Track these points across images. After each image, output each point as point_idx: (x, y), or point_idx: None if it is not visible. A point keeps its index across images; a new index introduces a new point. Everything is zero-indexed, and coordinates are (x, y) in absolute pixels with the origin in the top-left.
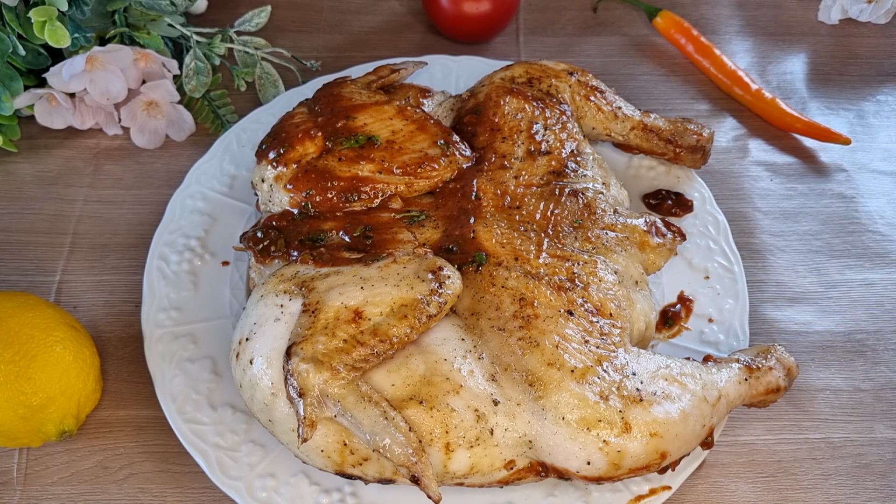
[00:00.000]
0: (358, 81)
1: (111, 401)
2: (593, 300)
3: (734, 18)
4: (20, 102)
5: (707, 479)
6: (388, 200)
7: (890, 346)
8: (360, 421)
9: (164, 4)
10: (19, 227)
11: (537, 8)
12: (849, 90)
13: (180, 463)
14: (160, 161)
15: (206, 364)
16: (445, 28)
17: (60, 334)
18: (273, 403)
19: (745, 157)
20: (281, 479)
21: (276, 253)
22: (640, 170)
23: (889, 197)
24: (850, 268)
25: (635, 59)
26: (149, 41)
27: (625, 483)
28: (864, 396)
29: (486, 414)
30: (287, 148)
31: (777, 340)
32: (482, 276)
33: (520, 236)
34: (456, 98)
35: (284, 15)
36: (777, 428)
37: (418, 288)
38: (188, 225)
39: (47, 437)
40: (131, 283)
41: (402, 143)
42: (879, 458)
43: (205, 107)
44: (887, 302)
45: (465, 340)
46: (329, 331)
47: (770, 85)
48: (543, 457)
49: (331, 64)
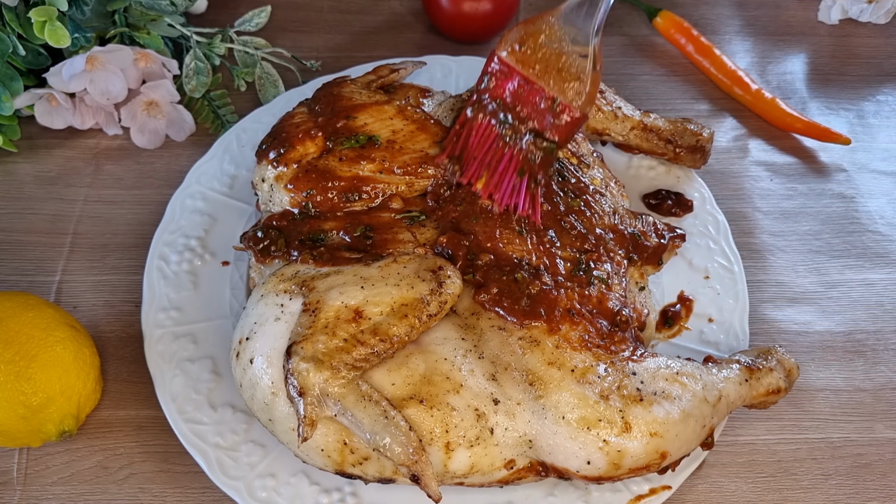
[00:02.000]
0: (358, 81)
1: (111, 401)
2: (593, 300)
3: (734, 18)
4: (20, 102)
5: (707, 478)
6: (389, 200)
7: (890, 346)
8: (361, 420)
9: (164, 4)
10: (19, 226)
11: (537, 8)
12: (849, 90)
13: (180, 463)
14: (160, 161)
15: (206, 364)
16: (445, 28)
17: (60, 334)
18: (273, 403)
19: (745, 157)
20: (281, 479)
21: (276, 253)
22: (639, 170)
23: (889, 197)
24: (850, 268)
25: (635, 58)
26: (149, 41)
27: (625, 483)
28: (864, 396)
29: (486, 413)
30: (287, 148)
31: (777, 340)
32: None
33: (518, 237)
34: (456, 98)
35: (284, 15)
36: (777, 428)
37: (418, 287)
38: (188, 225)
39: (47, 437)
40: (131, 283)
41: (402, 142)
42: (879, 457)
43: (205, 107)
44: (887, 302)
45: (465, 340)
46: (329, 330)
47: (770, 85)
48: (543, 456)
49: (331, 64)
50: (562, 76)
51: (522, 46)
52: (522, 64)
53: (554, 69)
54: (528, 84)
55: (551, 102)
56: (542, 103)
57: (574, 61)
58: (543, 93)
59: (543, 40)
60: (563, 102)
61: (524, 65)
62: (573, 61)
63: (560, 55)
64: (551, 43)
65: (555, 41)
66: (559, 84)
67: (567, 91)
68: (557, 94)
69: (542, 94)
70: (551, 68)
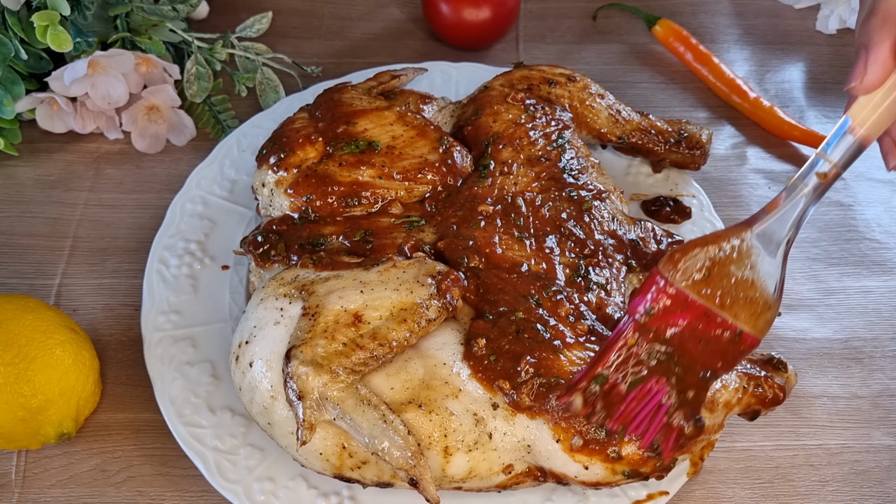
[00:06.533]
0: (358, 87)
1: (110, 404)
2: (592, 305)
3: (733, 27)
4: (21, 106)
5: (704, 484)
6: (389, 205)
7: (887, 353)
8: (359, 424)
9: (165, 10)
10: (20, 230)
11: (537, 15)
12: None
13: (179, 466)
14: (161, 165)
15: (205, 367)
16: (446, 35)
17: (60, 337)
18: (272, 406)
19: (743, 165)
20: (279, 483)
21: (276, 257)
22: (638, 176)
23: (886, 205)
24: (847, 275)
25: (634, 66)
26: (150, 46)
27: (622, 488)
28: (862, 403)
29: (484, 418)
30: (288, 153)
31: (774, 347)
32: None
33: (518, 242)
34: (456, 104)
35: (285, 21)
36: (774, 434)
37: (418, 292)
38: (188, 229)
39: (46, 440)
40: (131, 287)
41: (402, 148)
42: (877, 464)
43: (206, 112)
44: (884, 309)
45: (464, 344)
46: (329, 334)
47: (768, 93)
48: (542, 461)
49: (331, 70)
50: (748, 303)
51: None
52: (701, 295)
53: (742, 299)
54: (709, 317)
55: (733, 334)
56: (725, 335)
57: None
58: (727, 324)
59: (734, 269)
60: (746, 333)
61: (705, 297)
62: (760, 285)
63: (751, 284)
64: (741, 270)
65: (744, 267)
66: (743, 312)
67: (750, 319)
68: (743, 325)
69: (725, 327)
70: (739, 298)
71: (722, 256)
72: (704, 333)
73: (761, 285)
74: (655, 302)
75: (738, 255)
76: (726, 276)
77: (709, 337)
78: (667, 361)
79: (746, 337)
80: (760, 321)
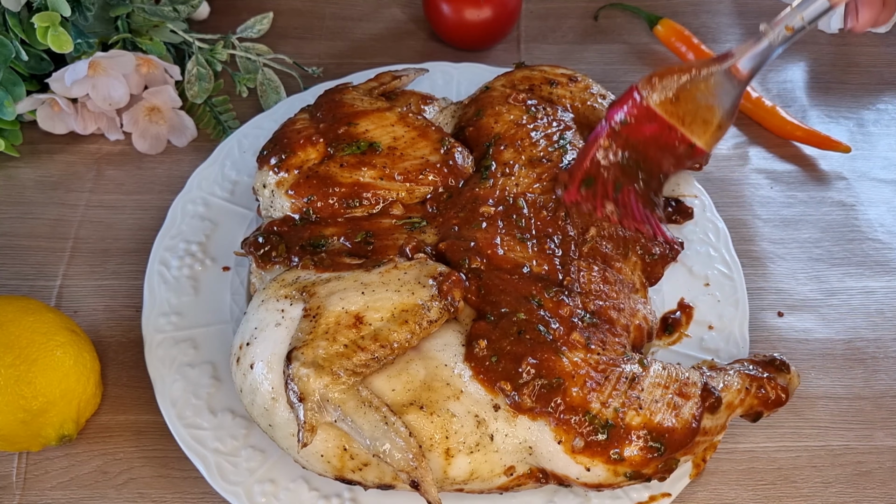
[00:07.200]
0: (359, 88)
1: (111, 405)
2: (593, 307)
3: (735, 27)
4: (22, 107)
5: (707, 486)
6: (390, 207)
7: (890, 353)
8: (361, 426)
9: (166, 11)
10: (20, 231)
11: (538, 15)
12: (849, 98)
13: (180, 468)
14: (162, 166)
15: (206, 369)
16: (447, 35)
17: (61, 339)
18: (273, 408)
19: (745, 165)
20: (280, 485)
21: (277, 258)
22: None
23: (889, 205)
24: (850, 276)
25: (636, 66)
26: (151, 47)
27: (624, 490)
28: (864, 404)
29: (486, 420)
30: (289, 154)
31: (777, 348)
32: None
33: (519, 244)
34: (457, 105)
35: (286, 22)
36: (777, 435)
37: (419, 293)
38: (189, 230)
39: (47, 442)
40: (132, 288)
41: (403, 149)
42: (879, 465)
43: (206, 112)
44: (887, 310)
45: (465, 346)
46: (330, 336)
47: (770, 93)
48: (543, 463)
49: (332, 70)
50: (704, 124)
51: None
52: (669, 112)
53: (699, 119)
54: (669, 129)
55: (687, 147)
56: (681, 147)
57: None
58: (684, 138)
59: (699, 97)
60: (698, 146)
61: (671, 114)
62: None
63: (710, 109)
64: (705, 98)
65: (709, 96)
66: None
67: (703, 136)
68: (696, 140)
69: (682, 140)
70: (698, 119)
71: (691, 86)
72: (664, 143)
73: (719, 111)
74: (629, 115)
75: (704, 85)
76: (692, 100)
77: (667, 146)
78: (634, 167)
79: (698, 149)
80: (712, 137)
